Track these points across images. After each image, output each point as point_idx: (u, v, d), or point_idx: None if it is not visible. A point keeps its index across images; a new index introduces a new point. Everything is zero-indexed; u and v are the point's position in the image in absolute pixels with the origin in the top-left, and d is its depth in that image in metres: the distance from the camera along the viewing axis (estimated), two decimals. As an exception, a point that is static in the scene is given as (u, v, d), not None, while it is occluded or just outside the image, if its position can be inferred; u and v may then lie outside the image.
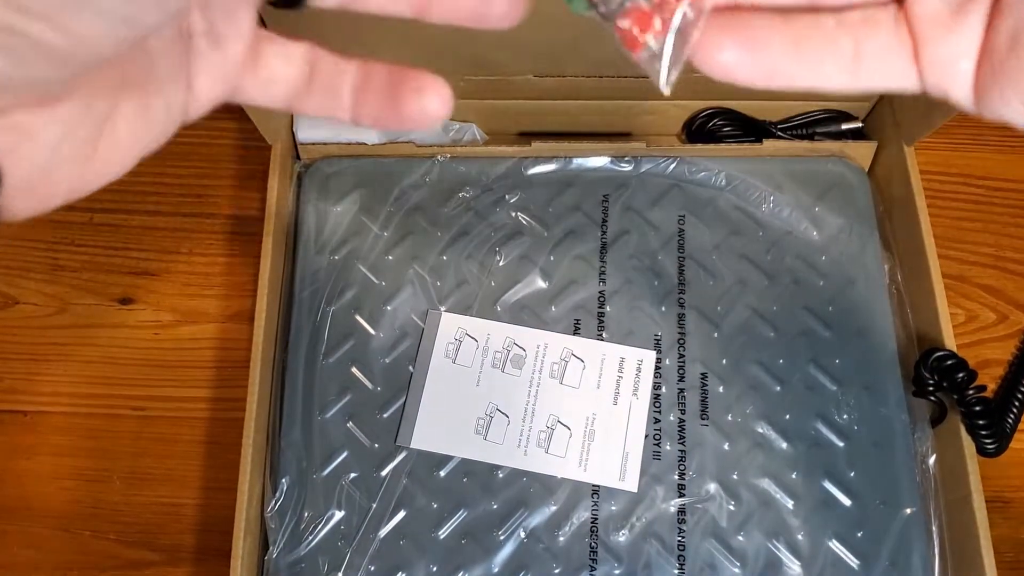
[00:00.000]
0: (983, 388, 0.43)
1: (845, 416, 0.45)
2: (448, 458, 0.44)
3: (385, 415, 0.45)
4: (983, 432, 0.43)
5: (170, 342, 0.51)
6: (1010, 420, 0.48)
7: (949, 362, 0.43)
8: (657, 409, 0.45)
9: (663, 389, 0.46)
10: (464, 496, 0.44)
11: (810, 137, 0.53)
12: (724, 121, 0.53)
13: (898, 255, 0.49)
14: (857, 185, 0.50)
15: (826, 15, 0.19)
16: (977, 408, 0.43)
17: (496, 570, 0.42)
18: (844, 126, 0.53)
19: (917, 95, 0.20)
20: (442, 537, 0.43)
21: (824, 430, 0.45)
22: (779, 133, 0.53)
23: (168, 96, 0.20)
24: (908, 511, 0.43)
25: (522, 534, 0.43)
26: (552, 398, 0.45)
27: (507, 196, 0.50)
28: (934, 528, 0.43)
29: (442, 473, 0.44)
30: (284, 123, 0.50)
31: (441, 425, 0.45)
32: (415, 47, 0.48)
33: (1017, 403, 0.48)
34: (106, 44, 0.16)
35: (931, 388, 0.44)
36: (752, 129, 0.53)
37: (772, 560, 0.42)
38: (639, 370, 0.46)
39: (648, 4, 0.17)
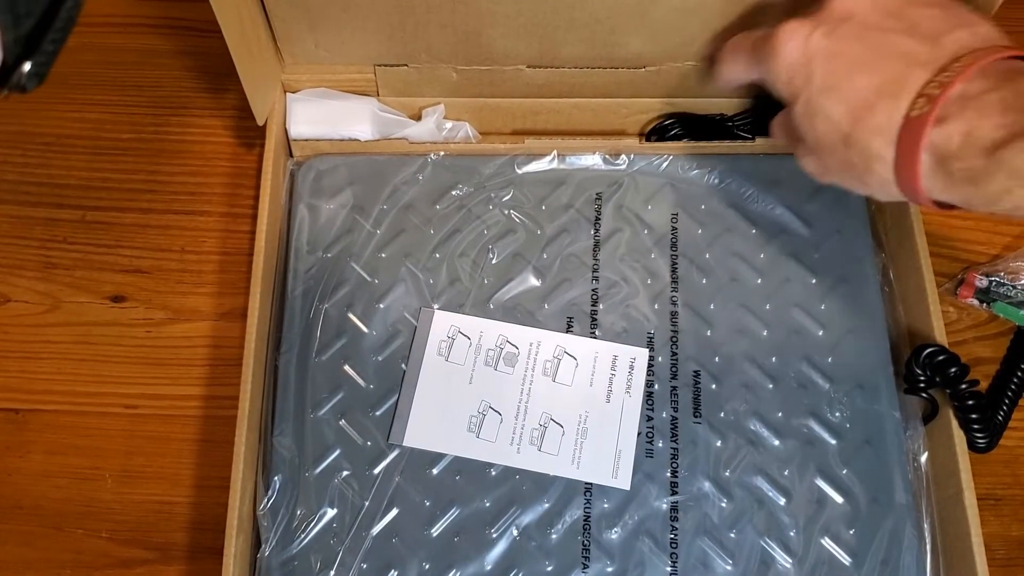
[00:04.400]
0: (976, 383, 0.43)
1: (837, 414, 0.45)
2: (440, 456, 0.44)
3: (378, 413, 0.45)
4: (975, 427, 0.43)
5: (162, 340, 0.51)
6: (1001, 417, 0.48)
7: (941, 357, 0.44)
8: (650, 407, 0.45)
9: (656, 387, 0.46)
10: (456, 494, 0.44)
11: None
12: (682, 129, 0.52)
13: (890, 252, 0.49)
14: (850, 183, 0.50)
15: None
16: (970, 403, 0.43)
17: (488, 568, 0.42)
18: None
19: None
20: (434, 535, 0.43)
21: (816, 428, 0.45)
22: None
23: None
24: (900, 508, 0.43)
25: (515, 532, 0.43)
26: (545, 396, 0.45)
27: (500, 194, 0.50)
28: (926, 525, 0.43)
29: (434, 471, 0.44)
30: (277, 120, 0.50)
31: (434, 423, 0.45)
32: (408, 27, 0.48)
33: (1008, 400, 0.48)
34: None
35: (923, 384, 0.44)
36: (713, 132, 0.51)
37: (764, 557, 0.42)
38: (632, 368, 0.46)
39: None
